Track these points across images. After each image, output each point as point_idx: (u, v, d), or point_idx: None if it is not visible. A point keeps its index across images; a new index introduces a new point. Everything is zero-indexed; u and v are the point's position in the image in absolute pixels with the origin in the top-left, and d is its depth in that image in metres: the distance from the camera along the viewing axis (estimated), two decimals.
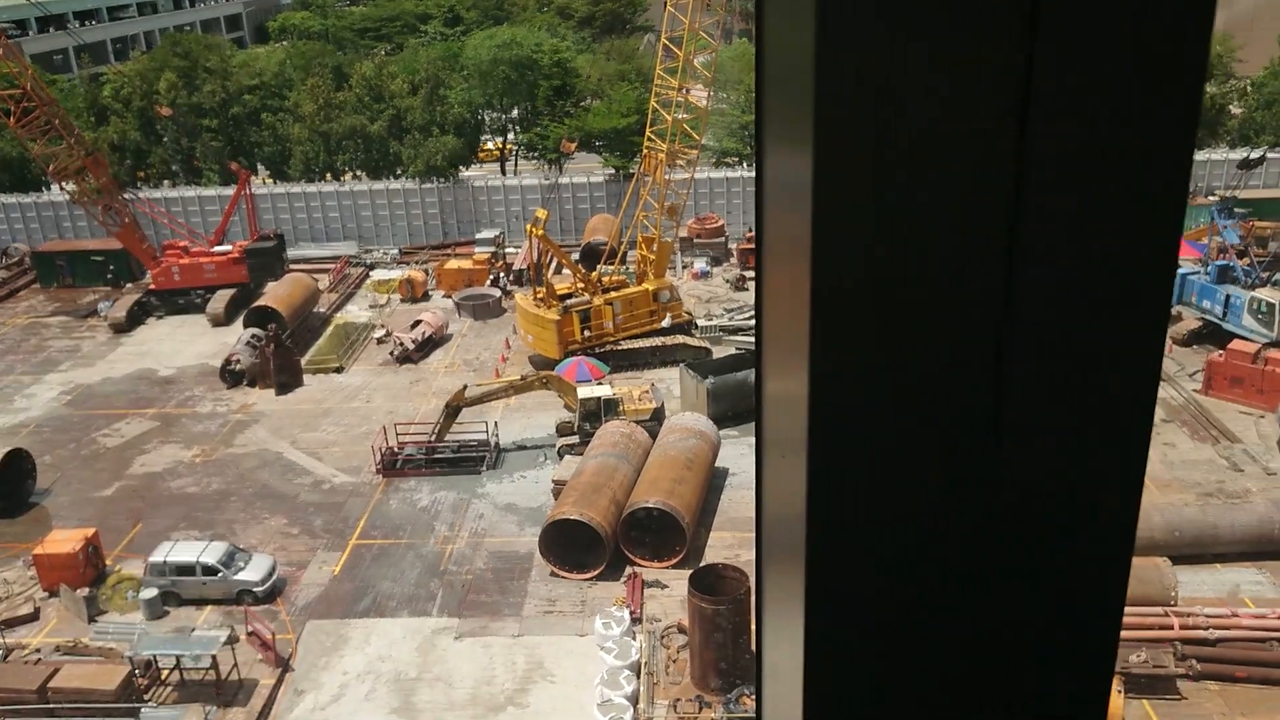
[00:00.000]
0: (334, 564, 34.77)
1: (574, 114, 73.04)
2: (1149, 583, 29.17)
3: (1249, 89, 74.91)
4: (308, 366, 49.61)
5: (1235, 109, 75.70)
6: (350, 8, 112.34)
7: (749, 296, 55.09)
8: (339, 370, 49.68)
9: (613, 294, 48.78)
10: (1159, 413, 41.82)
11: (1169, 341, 47.65)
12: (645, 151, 48.73)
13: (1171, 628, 27.81)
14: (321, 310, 56.27)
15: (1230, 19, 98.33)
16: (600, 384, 42.37)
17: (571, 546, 32.85)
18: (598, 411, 39.67)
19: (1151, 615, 28.20)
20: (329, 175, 70.46)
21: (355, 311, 57.22)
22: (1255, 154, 53.14)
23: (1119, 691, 25.09)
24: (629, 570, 32.66)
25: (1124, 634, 27.34)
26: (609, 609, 30.19)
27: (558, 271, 54.80)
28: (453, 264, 59.32)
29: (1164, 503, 34.68)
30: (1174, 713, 26.25)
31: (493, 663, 29.51)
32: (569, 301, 47.80)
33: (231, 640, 29.67)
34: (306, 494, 39.29)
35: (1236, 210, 53.12)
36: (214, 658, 28.75)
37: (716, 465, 37.89)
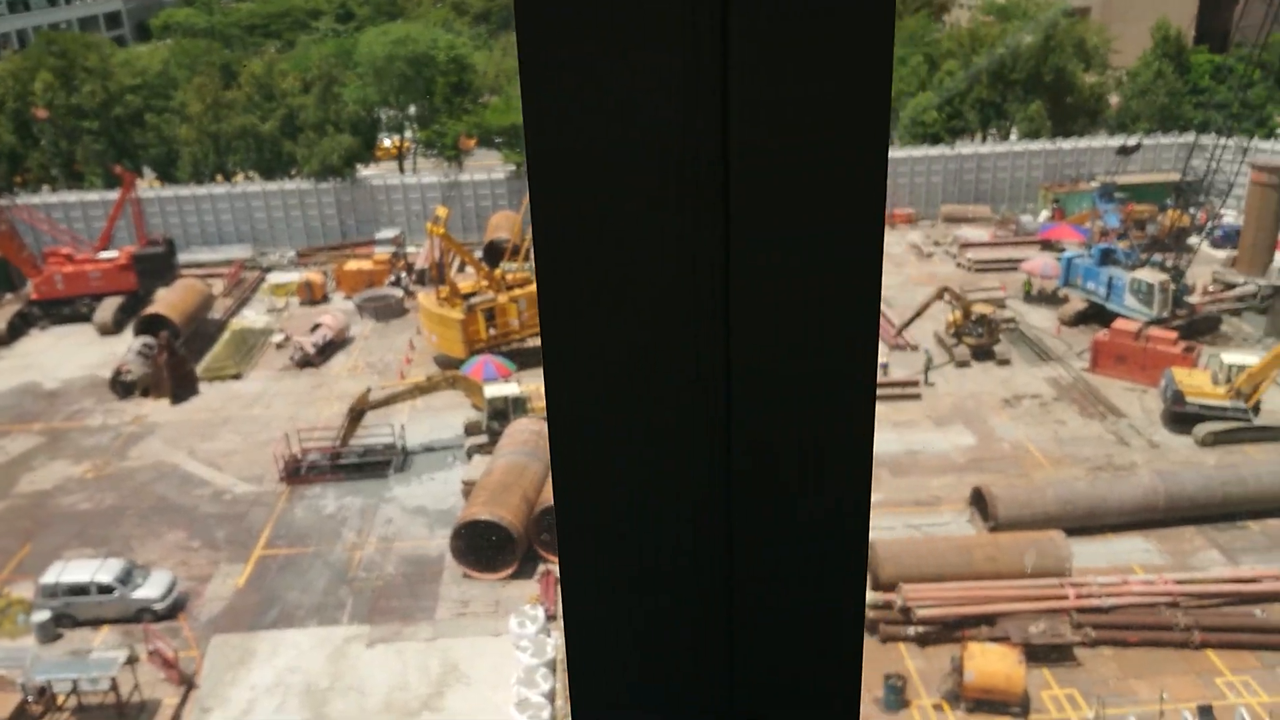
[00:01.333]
0: (238, 576, 33.87)
1: (472, 110, 72.32)
2: (1045, 555, 30.33)
3: (1125, 78, 78.15)
4: (204, 374, 48.19)
5: (1113, 98, 78.91)
6: (237, 4, 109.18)
7: None
8: (237, 377, 48.37)
9: (518, 291, 48.48)
10: (1049, 391, 43.47)
11: (1057, 323, 49.59)
12: None
13: (1067, 598, 28.94)
14: (216, 316, 54.66)
15: (1105, 10, 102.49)
16: (508, 382, 42.12)
17: (484, 547, 32.61)
18: (506, 410, 39.43)
19: (1048, 586, 29.32)
20: (220, 177, 68.43)
21: (252, 316, 55.73)
22: (1132, 141, 55.52)
23: (1019, 662, 26.03)
24: (543, 568, 32.57)
25: (1023, 606, 28.48)
26: (524, 607, 30.06)
27: (461, 270, 54.24)
28: (352, 265, 58.21)
29: (1056, 478, 36.07)
30: (1072, 679, 27.32)
31: (406, 668, 29.13)
32: (473, 300, 47.35)
33: (131, 660, 28.70)
34: (207, 506, 38.17)
35: (1116, 195, 55.47)
36: (113, 679, 27.80)
37: None
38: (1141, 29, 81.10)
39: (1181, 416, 39.60)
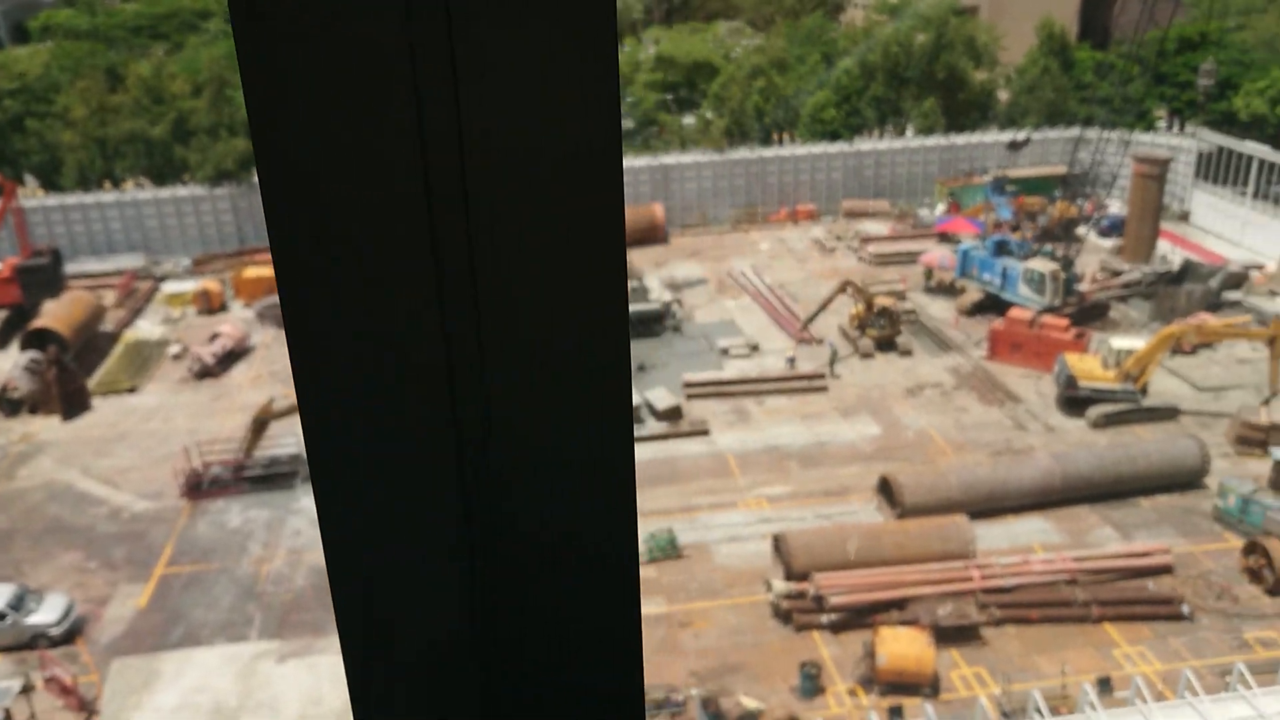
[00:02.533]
0: (139, 596, 32.73)
1: None
2: (950, 539, 31.19)
3: (1013, 75, 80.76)
4: (96, 389, 46.42)
5: (1003, 94, 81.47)
6: (122, 4, 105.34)
7: None
8: (132, 390, 46.71)
9: None
10: (950, 380, 44.70)
11: (955, 313, 50.99)
12: None
13: (972, 579, 29.81)
14: (109, 329, 52.68)
15: (993, 9, 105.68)
16: None
17: None
18: None
19: (954, 569, 30.16)
20: (108, 184, 65.94)
21: (147, 328, 53.88)
22: (1022, 136, 57.47)
23: (929, 644, 26.73)
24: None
25: (930, 589, 29.24)
26: None
27: None
28: (251, 272, 56.66)
29: (959, 463, 37.12)
30: (979, 658, 28.17)
31: (320, 683, 28.53)
32: None
33: (27, 689, 27.50)
34: (104, 525, 36.78)
35: (1008, 188, 57.38)
36: (7, 711, 26.62)
37: None
38: (1027, 27, 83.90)
39: (1074, 400, 41.14)
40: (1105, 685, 25.40)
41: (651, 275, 54.48)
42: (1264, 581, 30.48)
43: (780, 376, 44.72)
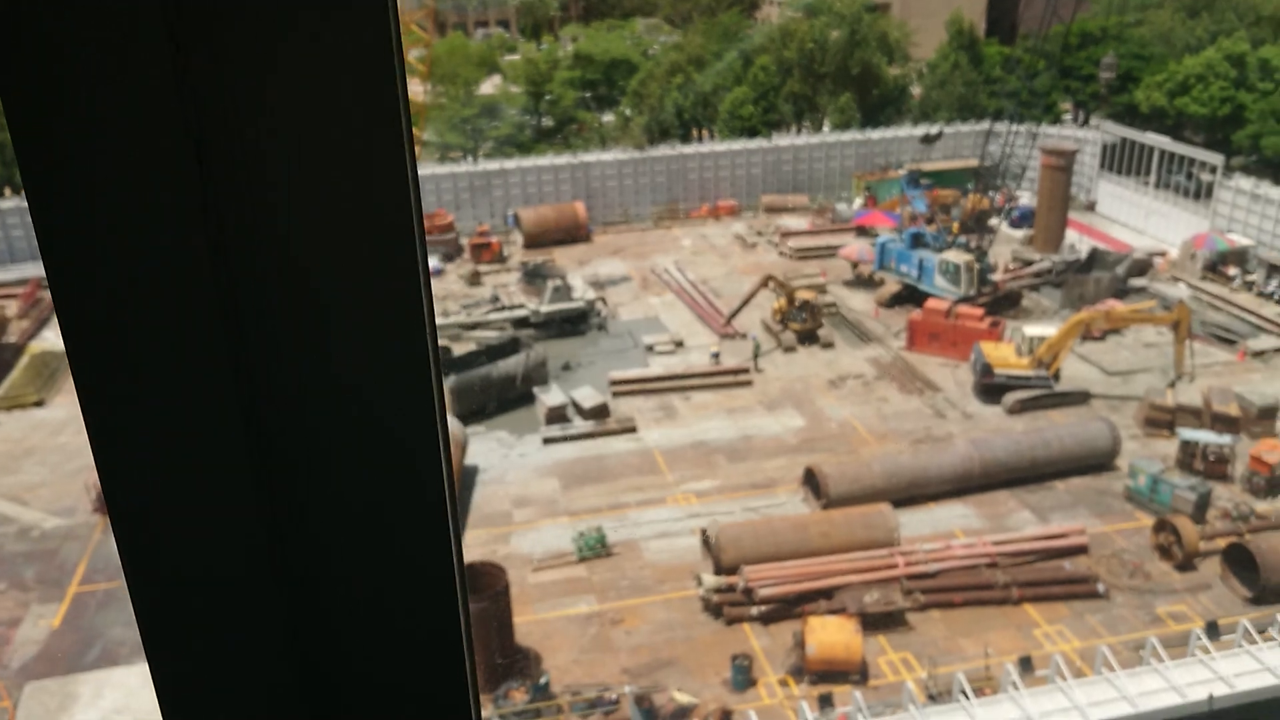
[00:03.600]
0: (53, 617, 31.60)
1: None
2: (874, 527, 31.75)
3: (925, 70, 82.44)
4: (1, 404, 44.69)
5: (915, 89, 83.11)
6: None
7: (485, 292, 54.84)
8: (39, 404, 45.08)
9: None
10: (871, 370, 45.46)
11: (874, 305, 51.91)
12: None
13: (897, 566, 30.39)
14: (12, 340, 50.75)
15: (904, 6, 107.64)
16: None
17: None
18: None
19: (879, 557, 30.70)
20: (8, 190, 63.52)
21: (54, 338, 52.01)
22: (934, 130, 58.66)
23: (857, 631, 27.17)
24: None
25: (857, 577, 29.71)
26: None
27: None
28: None
29: (881, 452, 37.80)
30: (905, 643, 28.73)
31: None
32: None
33: None
34: (12, 544, 35.43)
35: (923, 181, 58.56)
36: None
37: (466, 464, 37.57)
38: (937, 23, 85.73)
39: (991, 387, 42.19)
40: (1026, 664, 26.10)
41: (575, 274, 54.40)
42: (1173, 558, 31.63)
43: (705, 372, 45.02)
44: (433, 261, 58.82)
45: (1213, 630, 26.99)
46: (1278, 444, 36.78)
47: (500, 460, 39.12)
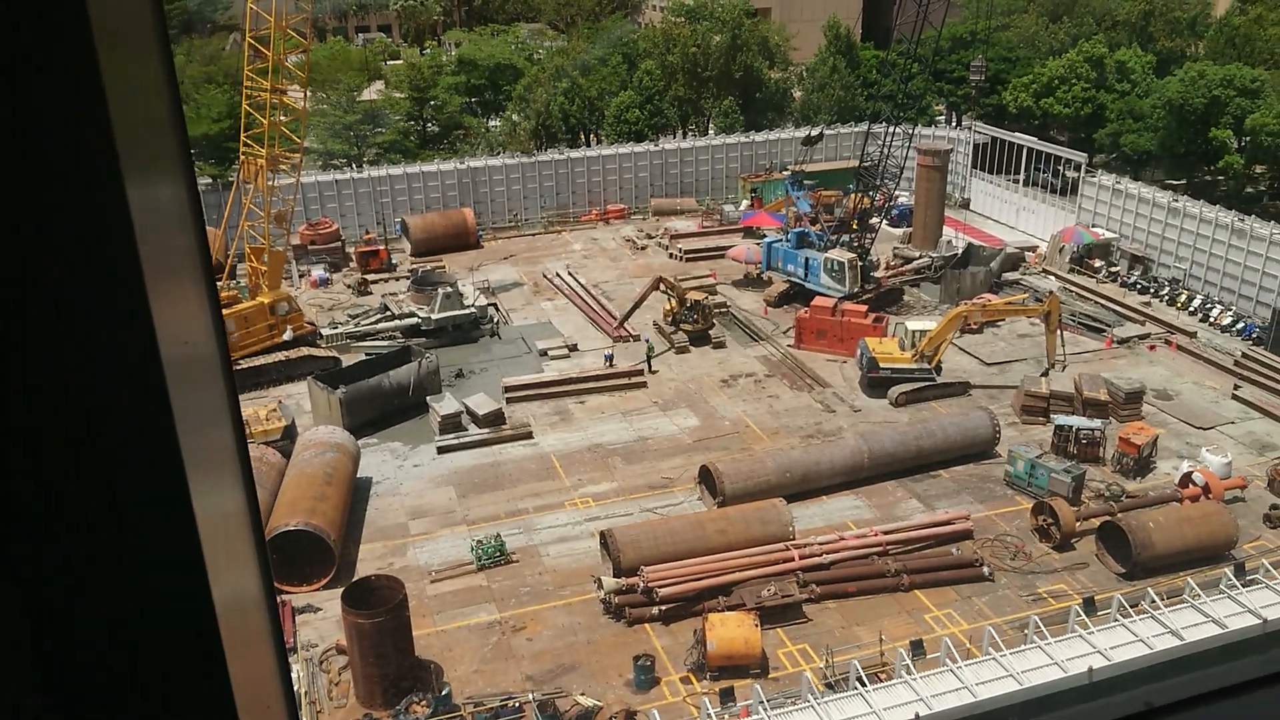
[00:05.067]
0: None
1: None
2: (770, 522, 32.30)
3: (805, 74, 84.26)
4: None
5: (796, 92, 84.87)
6: None
7: (374, 300, 53.88)
8: None
9: (224, 311, 45.66)
10: (762, 369, 46.23)
11: (763, 304, 52.82)
12: (243, 158, 46.00)
13: (793, 559, 30.97)
14: None
15: (783, 10, 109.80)
16: None
17: None
18: None
19: (775, 551, 31.25)
20: None
21: None
22: (815, 131, 59.92)
23: (755, 625, 27.59)
24: (277, 599, 30.93)
25: (754, 572, 30.16)
26: None
27: None
28: None
29: (774, 449, 38.48)
30: (803, 634, 29.30)
31: None
32: None
33: None
34: None
35: (806, 182, 59.80)
36: None
37: (359, 476, 36.85)
38: (815, 28, 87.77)
39: (876, 381, 43.37)
40: (918, 648, 26.91)
41: (466, 280, 53.88)
42: (1052, 538, 33.04)
43: (600, 375, 45.12)
44: (318, 271, 57.51)
45: (1090, 606, 28.30)
46: (1144, 426, 38.77)
47: (394, 471, 38.49)
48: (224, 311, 45.45)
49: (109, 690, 1.34)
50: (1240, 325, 49.53)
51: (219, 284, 46.95)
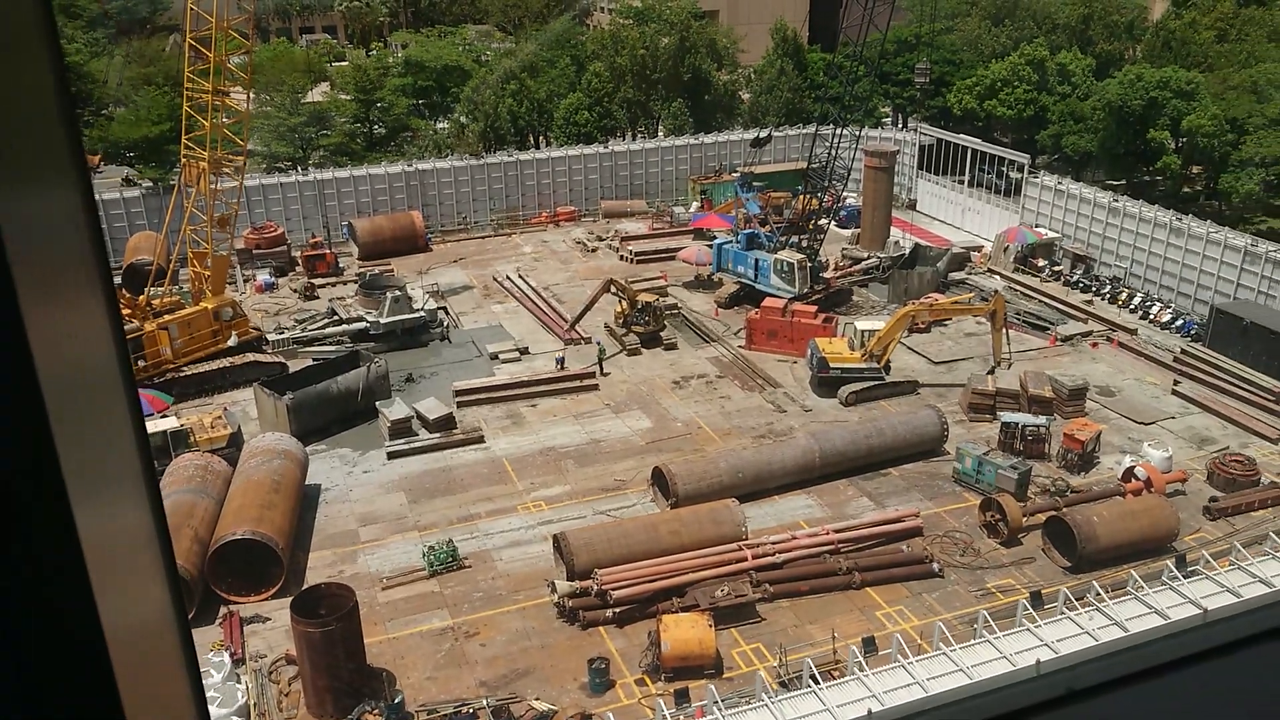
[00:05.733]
0: None
1: (94, 124, 65.80)
2: (722, 523, 32.39)
3: (753, 76, 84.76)
4: None
5: (744, 94, 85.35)
6: None
7: (322, 305, 53.22)
8: None
9: (167, 317, 44.86)
10: (713, 370, 46.37)
11: (714, 306, 53.03)
12: (184, 161, 45.16)
13: (746, 559, 31.08)
14: None
15: (731, 13, 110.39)
16: (164, 416, 38.87)
17: None
18: (165, 446, 36.37)
19: (728, 552, 31.34)
20: None
21: None
22: (763, 133, 60.28)
23: (710, 626, 27.65)
24: (224, 610, 30.43)
25: (707, 572, 30.22)
26: (206, 656, 27.94)
27: None
28: None
29: (726, 449, 38.61)
30: (757, 634, 29.42)
31: None
32: None
33: None
34: None
35: (755, 184, 60.13)
36: None
37: (307, 483, 36.33)
38: (763, 30, 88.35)
39: (827, 381, 43.71)
40: (870, 645, 27.15)
41: (415, 284, 53.38)
42: (1000, 534, 33.52)
43: (551, 378, 44.96)
44: (264, 276, 56.67)
45: (1036, 600, 28.75)
46: (1088, 422, 39.49)
47: (344, 478, 38.02)
48: (167, 317, 44.75)
49: None
50: (1179, 322, 50.68)
51: (163, 290, 46.07)
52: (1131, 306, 52.81)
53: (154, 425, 37.18)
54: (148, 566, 1.29)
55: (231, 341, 46.25)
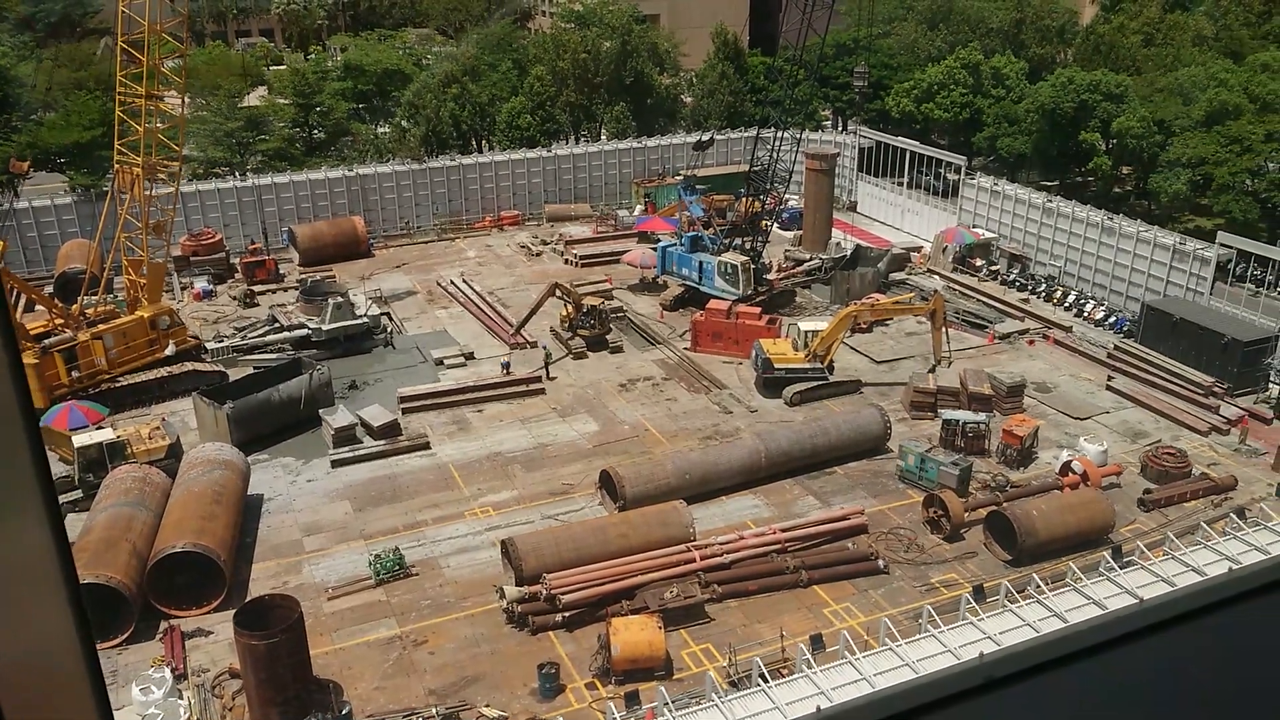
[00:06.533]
0: None
1: (22, 129, 64.13)
2: (670, 525, 32.51)
3: (694, 80, 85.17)
4: None
5: (686, 98, 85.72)
6: None
7: (262, 312, 52.41)
8: None
9: (101, 326, 43.85)
10: (659, 372, 46.51)
11: (659, 308, 53.18)
12: (118, 166, 44.22)
13: (694, 560, 31.22)
14: None
15: (672, 17, 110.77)
16: (100, 428, 38.01)
17: (90, 613, 29.21)
18: (101, 459, 35.58)
19: (677, 553, 31.45)
20: None
21: None
22: (706, 137, 60.64)
23: (659, 628, 27.73)
24: (165, 624, 29.83)
25: (657, 574, 30.31)
26: (146, 673, 27.36)
27: (29, 309, 47.99)
28: None
29: (673, 451, 38.75)
30: (706, 634, 29.56)
31: None
32: (47, 341, 42.15)
33: None
34: None
35: (698, 187, 60.44)
36: None
37: (250, 493, 35.76)
38: (704, 34, 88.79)
39: (771, 382, 44.08)
40: (818, 643, 27.42)
41: (357, 290, 52.83)
42: (943, 530, 34.06)
43: (497, 383, 44.76)
44: (201, 283, 55.68)
45: (979, 594, 29.27)
46: (1026, 418, 40.30)
47: (287, 487, 37.49)
48: (101, 327, 43.75)
49: None
50: (1112, 319, 51.93)
51: (97, 299, 45.06)
52: (1066, 304, 53.99)
53: (89, 437, 36.35)
54: (48, 589, 1.25)
55: (169, 350, 45.36)
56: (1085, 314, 52.95)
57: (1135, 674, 2.51)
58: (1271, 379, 44.37)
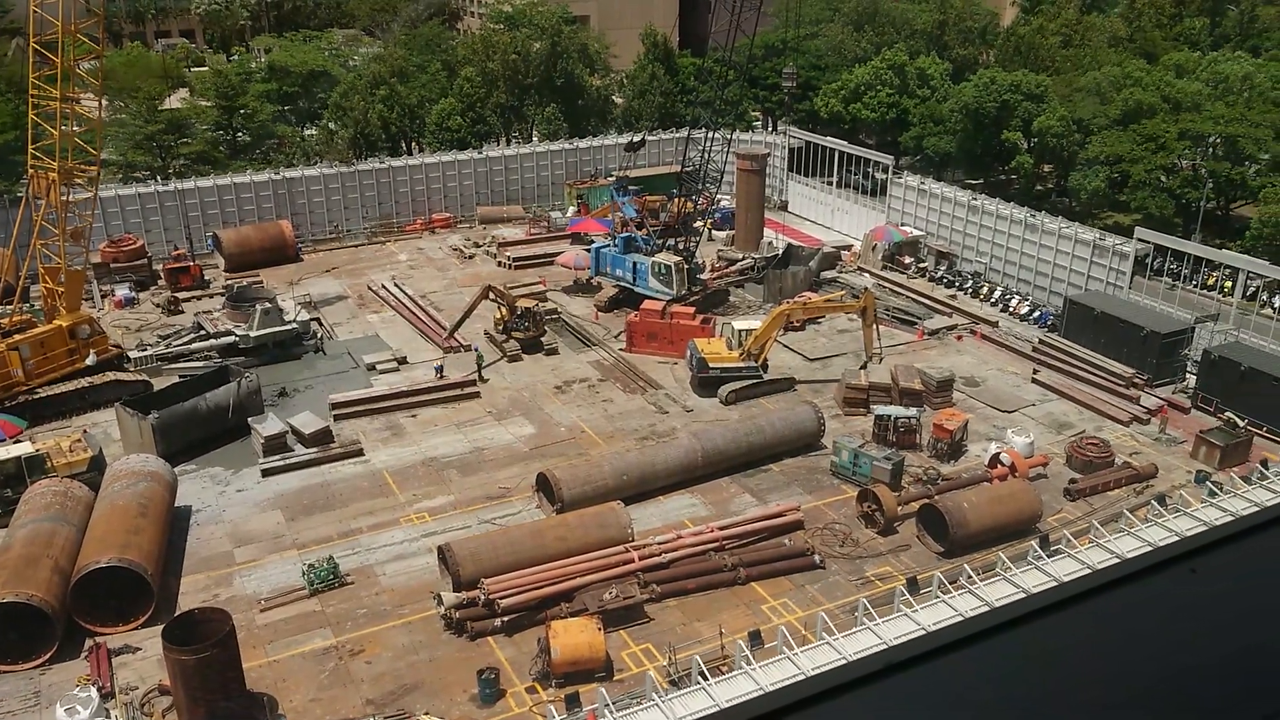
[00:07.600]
0: None
1: None
2: (608, 526, 32.50)
3: (625, 81, 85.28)
4: None
5: (618, 99, 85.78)
6: None
7: (187, 319, 51.22)
8: None
9: (17, 336, 42.47)
10: (595, 373, 46.47)
11: (594, 310, 53.14)
12: (32, 171, 42.87)
13: (633, 561, 31.24)
14: None
15: (602, 18, 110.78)
16: (18, 441, 36.80)
17: (9, 635, 28.29)
18: (19, 473, 34.47)
19: (615, 554, 31.45)
20: None
21: None
22: (638, 138, 60.75)
23: (599, 629, 27.70)
24: (90, 642, 28.97)
25: (595, 575, 30.26)
26: (71, 692, 26.55)
27: None
28: None
29: (610, 452, 38.74)
30: (645, 634, 29.60)
31: None
32: None
33: None
34: None
35: (631, 188, 60.54)
36: None
37: (177, 505, 34.92)
38: (634, 36, 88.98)
39: (707, 381, 44.31)
40: (756, 639, 27.63)
41: (286, 295, 51.89)
42: (877, 524, 34.55)
43: (431, 387, 44.32)
44: (123, 290, 54.24)
45: (913, 585, 29.74)
46: (955, 412, 41.07)
47: (216, 498, 36.68)
48: (17, 337, 42.38)
49: None
50: (1036, 314, 53.20)
51: (12, 308, 43.64)
52: (992, 300, 55.16)
53: (6, 451, 35.20)
54: None
55: (90, 360, 44.09)
56: (1010, 309, 54.14)
57: (1031, 655, 2.77)
58: (1189, 369, 45.82)
